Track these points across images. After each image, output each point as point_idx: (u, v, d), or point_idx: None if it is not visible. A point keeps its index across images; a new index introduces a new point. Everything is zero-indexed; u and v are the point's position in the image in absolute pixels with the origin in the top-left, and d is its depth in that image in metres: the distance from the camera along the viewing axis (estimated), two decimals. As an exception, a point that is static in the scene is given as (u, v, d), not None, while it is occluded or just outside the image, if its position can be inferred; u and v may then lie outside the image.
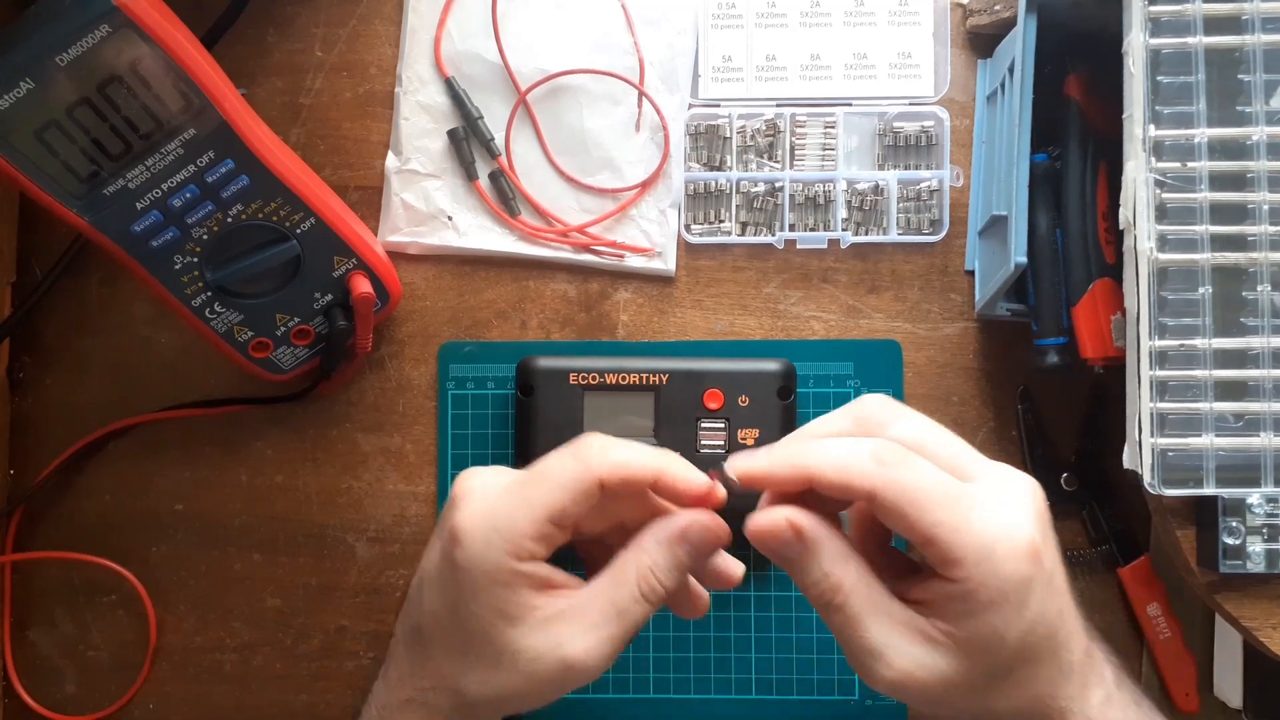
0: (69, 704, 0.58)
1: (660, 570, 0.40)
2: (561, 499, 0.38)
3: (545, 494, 0.39)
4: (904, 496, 0.36)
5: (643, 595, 0.40)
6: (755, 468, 0.39)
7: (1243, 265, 0.45)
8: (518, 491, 0.39)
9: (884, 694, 0.38)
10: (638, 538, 0.40)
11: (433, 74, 0.58)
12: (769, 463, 0.38)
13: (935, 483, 0.37)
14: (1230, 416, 0.45)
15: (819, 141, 0.58)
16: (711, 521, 0.40)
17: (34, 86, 0.44)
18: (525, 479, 0.40)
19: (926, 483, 0.37)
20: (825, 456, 0.37)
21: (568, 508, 0.39)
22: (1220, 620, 0.54)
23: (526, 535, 0.38)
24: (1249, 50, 0.45)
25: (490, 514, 0.39)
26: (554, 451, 0.40)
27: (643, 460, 0.40)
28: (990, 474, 0.39)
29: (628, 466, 0.39)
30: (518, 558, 0.38)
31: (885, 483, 0.36)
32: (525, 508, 0.39)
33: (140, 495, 0.58)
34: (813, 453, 0.38)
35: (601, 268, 0.58)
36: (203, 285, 0.52)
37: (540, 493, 0.39)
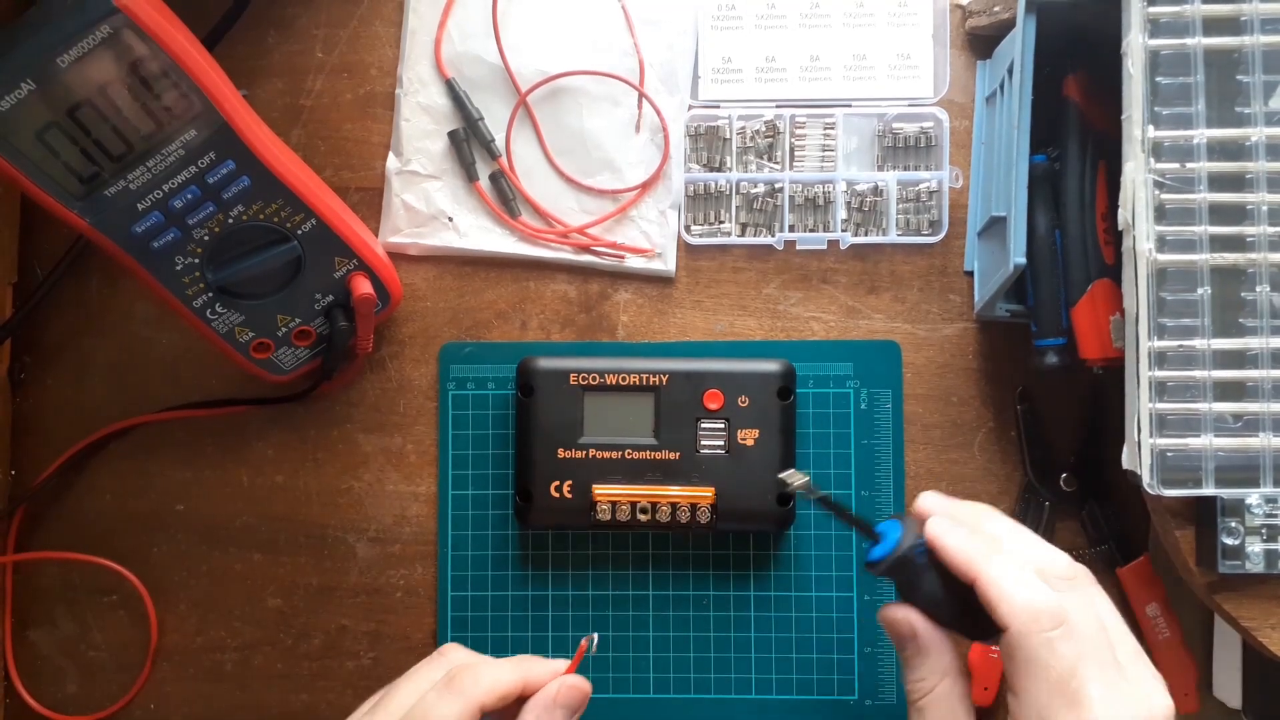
0: (70, 704, 0.58)
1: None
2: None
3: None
4: (1033, 669, 0.39)
5: None
6: (943, 538, 0.43)
7: (1241, 266, 0.45)
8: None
9: None
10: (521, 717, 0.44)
11: (433, 75, 0.58)
12: (953, 546, 0.42)
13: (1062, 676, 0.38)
14: (1229, 417, 0.45)
15: (818, 142, 0.58)
16: (577, 681, 0.45)
17: (35, 88, 0.44)
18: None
19: (1056, 671, 0.38)
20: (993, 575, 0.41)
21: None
22: (1219, 620, 0.54)
23: None
24: (1248, 51, 0.45)
25: None
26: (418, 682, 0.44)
27: (511, 677, 0.44)
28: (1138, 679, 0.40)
29: (500, 686, 0.43)
30: None
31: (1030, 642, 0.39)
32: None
33: (141, 495, 0.58)
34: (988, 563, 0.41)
35: (601, 268, 0.58)
36: (204, 286, 0.52)
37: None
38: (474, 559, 0.57)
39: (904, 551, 0.43)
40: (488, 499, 0.57)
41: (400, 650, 0.58)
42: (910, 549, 0.43)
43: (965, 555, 0.42)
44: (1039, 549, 0.43)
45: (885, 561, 0.44)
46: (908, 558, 0.43)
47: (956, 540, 0.42)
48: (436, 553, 0.58)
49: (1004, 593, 0.40)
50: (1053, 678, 0.38)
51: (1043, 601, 0.39)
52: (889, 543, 0.44)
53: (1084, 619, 0.40)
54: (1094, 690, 0.38)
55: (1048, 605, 0.39)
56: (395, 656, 0.58)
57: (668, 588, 0.57)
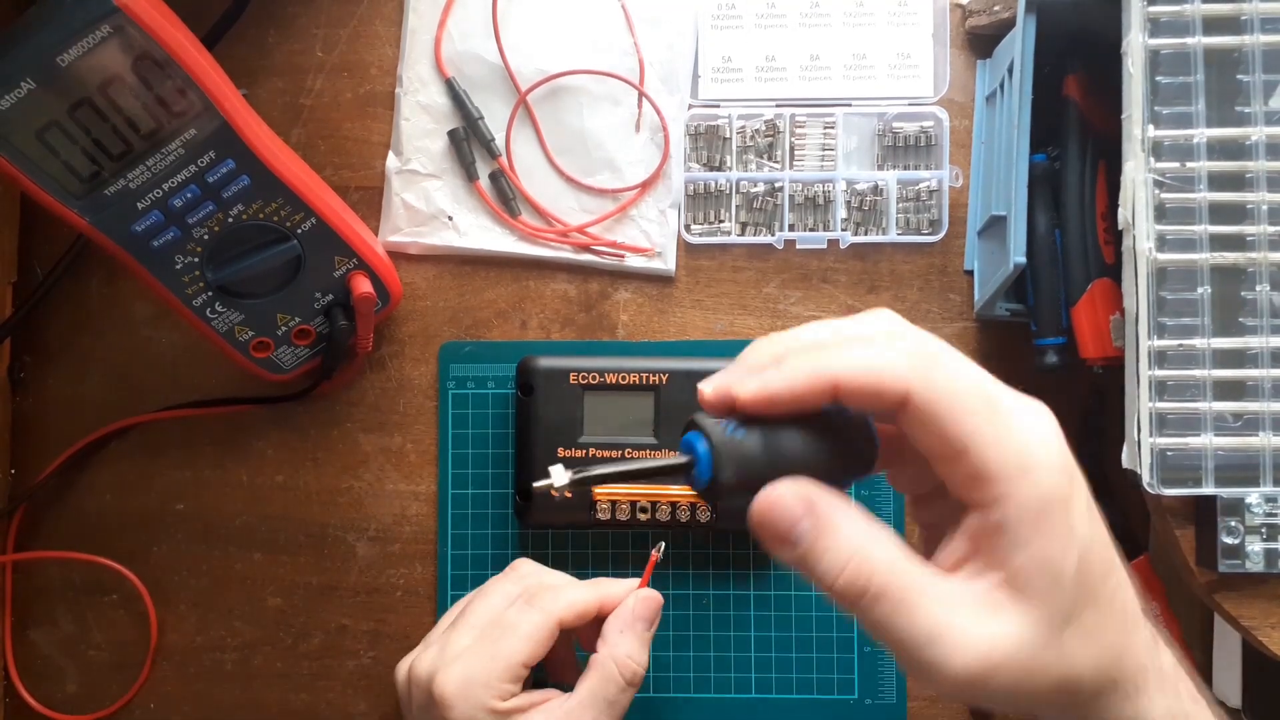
0: (70, 703, 0.58)
1: (634, 654, 0.47)
2: (529, 648, 0.46)
3: (512, 647, 0.46)
4: (942, 400, 0.31)
5: (627, 683, 0.47)
6: (767, 387, 0.32)
7: (1241, 265, 0.45)
8: (487, 648, 0.46)
9: (955, 695, 0.32)
10: (603, 636, 0.48)
11: (433, 74, 0.58)
12: (783, 378, 0.32)
13: (972, 385, 0.32)
14: (1229, 416, 0.45)
15: (818, 142, 0.58)
16: (650, 594, 0.49)
17: (35, 87, 0.44)
18: (491, 634, 0.46)
19: (963, 385, 0.32)
20: (851, 359, 0.32)
21: (536, 652, 0.46)
22: (1219, 620, 0.54)
23: (503, 680, 0.45)
24: (1248, 51, 0.45)
25: (465, 674, 0.45)
26: (497, 596, 0.48)
27: (588, 596, 0.48)
28: (1008, 390, 0.33)
29: (579, 605, 0.47)
30: (499, 698, 0.45)
31: (923, 383, 0.31)
32: (496, 661, 0.45)
33: (141, 495, 0.58)
34: (834, 357, 0.32)
35: (601, 268, 0.58)
36: (204, 285, 0.52)
37: (507, 646, 0.46)
38: (474, 558, 0.57)
39: (725, 441, 0.32)
40: (488, 498, 0.57)
41: (400, 650, 0.57)
42: (730, 434, 0.33)
43: (805, 367, 0.32)
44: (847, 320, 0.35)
45: (725, 468, 0.32)
46: (733, 443, 0.32)
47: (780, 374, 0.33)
48: (436, 552, 0.58)
49: (876, 362, 0.32)
50: (975, 397, 0.32)
51: (910, 342, 0.33)
52: (703, 451, 0.33)
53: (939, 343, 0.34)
54: (1002, 394, 0.33)
55: (923, 346, 0.33)
56: (395, 656, 0.57)
57: (668, 588, 0.57)
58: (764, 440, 0.33)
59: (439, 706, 0.45)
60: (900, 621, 0.31)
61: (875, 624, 0.32)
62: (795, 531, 0.32)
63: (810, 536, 0.32)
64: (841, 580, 0.31)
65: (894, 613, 0.31)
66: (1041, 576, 0.32)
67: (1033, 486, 0.31)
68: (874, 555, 0.32)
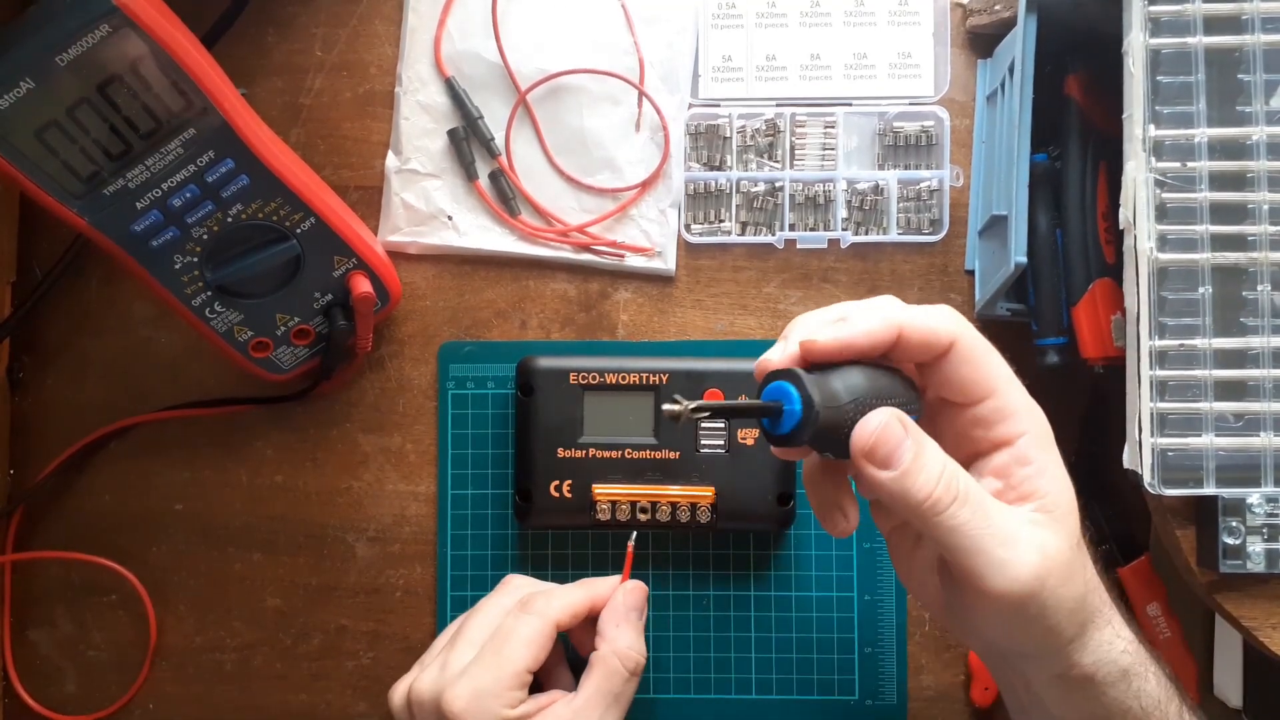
0: (69, 704, 0.58)
1: (634, 644, 0.49)
2: (531, 653, 0.47)
3: (515, 654, 0.47)
4: (979, 348, 0.39)
5: (631, 673, 0.48)
6: (842, 335, 0.37)
7: (1243, 265, 0.45)
8: (491, 659, 0.47)
9: (1022, 598, 0.36)
10: (599, 633, 0.49)
11: (433, 74, 0.58)
12: (858, 326, 0.38)
13: (990, 345, 0.39)
14: (1230, 416, 0.45)
15: (819, 141, 0.58)
16: (636, 584, 0.51)
17: (34, 86, 0.44)
18: (492, 644, 0.47)
19: (987, 343, 0.39)
20: (912, 312, 0.38)
21: (537, 656, 0.47)
22: (1220, 620, 0.54)
23: (510, 689, 0.46)
24: (1249, 50, 0.45)
25: (473, 688, 0.46)
26: (493, 610, 0.49)
27: (579, 596, 0.50)
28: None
29: (571, 606, 0.49)
30: (510, 706, 0.46)
31: (966, 334, 0.38)
32: (503, 670, 0.46)
33: (140, 495, 0.58)
34: (897, 310, 0.38)
35: (601, 267, 0.58)
36: (203, 285, 0.52)
37: (510, 654, 0.47)
38: (474, 559, 0.57)
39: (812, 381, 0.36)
40: (487, 499, 0.57)
41: (400, 650, 0.58)
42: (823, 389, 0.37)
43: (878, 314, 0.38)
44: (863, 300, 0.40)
45: (824, 410, 0.36)
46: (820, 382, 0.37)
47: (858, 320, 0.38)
48: (436, 553, 0.58)
49: (927, 313, 0.38)
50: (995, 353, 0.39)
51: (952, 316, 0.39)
52: (792, 397, 0.36)
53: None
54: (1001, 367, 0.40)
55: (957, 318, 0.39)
56: (395, 656, 0.58)
57: (668, 588, 0.57)
58: (843, 380, 0.37)
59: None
60: (981, 522, 0.36)
61: (958, 526, 0.36)
62: (900, 451, 0.36)
63: (912, 454, 0.36)
64: (940, 487, 0.36)
65: (976, 514, 0.36)
66: (1062, 499, 0.38)
67: (1042, 422, 0.39)
68: (959, 469, 0.37)
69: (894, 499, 0.37)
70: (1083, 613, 0.39)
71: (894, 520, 0.43)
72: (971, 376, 0.38)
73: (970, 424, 0.39)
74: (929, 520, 0.36)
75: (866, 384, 0.37)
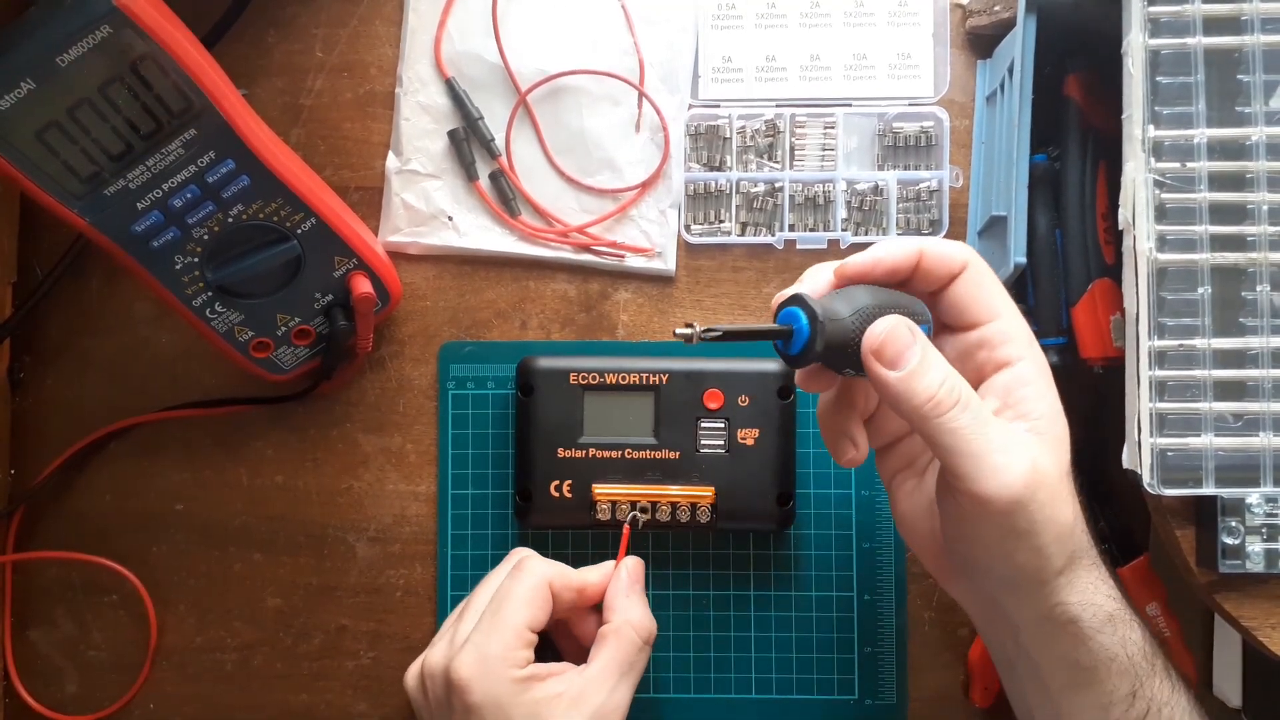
0: (69, 704, 0.58)
1: (645, 615, 0.50)
2: (529, 610, 0.47)
3: (514, 612, 0.47)
4: (987, 275, 0.42)
5: (645, 642, 0.49)
6: (870, 257, 0.42)
7: (1242, 265, 0.45)
8: (490, 620, 0.47)
9: (1010, 504, 0.38)
10: (608, 606, 0.50)
11: (433, 74, 0.58)
12: (882, 249, 0.42)
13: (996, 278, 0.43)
14: (1229, 416, 0.45)
15: (819, 142, 0.58)
16: (633, 560, 0.52)
17: (35, 87, 0.44)
18: (491, 608, 0.48)
19: (994, 275, 0.43)
20: (930, 239, 0.42)
21: (535, 613, 0.47)
22: (1219, 620, 0.54)
23: (513, 647, 0.46)
24: (1248, 51, 0.45)
25: (478, 653, 0.46)
26: (493, 582, 0.50)
27: (569, 569, 0.50)
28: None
29: (562, 573, 0.49)
30: (516, 666, 0.46)
31: (976, 261, 0.42)
32: (502, 630, 0.46)
33: (140, 495, 0.58)
34: (917, 239, 0.42)
35: (601, 268, 0.58)
36: (203, 285, 0.52)
37: (508, 613, 0.47)
38: (474, 559, 0.57)
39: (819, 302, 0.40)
40: (488, 499, 0.57)
41: (400, 650, 0.58)
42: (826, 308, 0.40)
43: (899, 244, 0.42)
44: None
45: (830, 323, 0.39)
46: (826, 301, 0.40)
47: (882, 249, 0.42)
48: (436, 552, 0.58)
49: (952, 246, 0.42)
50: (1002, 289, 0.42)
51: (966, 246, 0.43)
52: (799, 317, 0.40)
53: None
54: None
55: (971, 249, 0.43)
56: (395, 656, 0.58)
57: (668, 588, 0.57)
58: (849, 298, 0.40)
59: (459, 692, 0.45)
60: (979, 427, 0.39)
61: (958, 429, 0.39)
62: (908, 353, 0.39)
63: (919, 357, 0.39)
64: (943, 390, 0.39)
65: (976, 420, 0.39)
66: (1056, 426, 0.41)
67: (1038, 352, 0.42)
68: (962, 379, 0.40)
69: (899, 399, 0.39)
70: (1070, 543, 0.40)
71: (897, 463, 0.46)
72: (981, 298, 0.42)
73: (976, 345, 0.42)
74: (930, 422, 0.39)
75: (873, 300, 0.40)
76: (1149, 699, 0.43)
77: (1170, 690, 0.43)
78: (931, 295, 0.43)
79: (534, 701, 0.45)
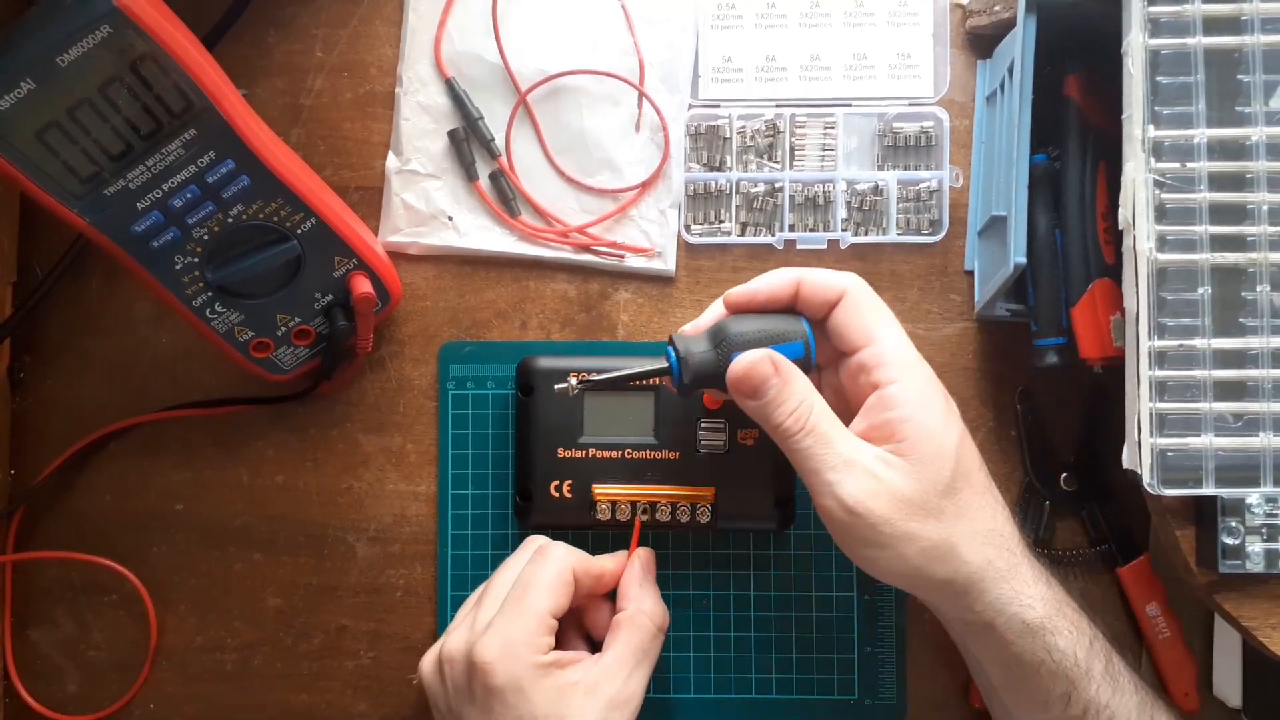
0: (69, 704, 0.58)
1: (657, 604, 0.50)
2: (552, 597, 0.47)
3: (537, 599, 0.47)
4: (864, 302, 0.47)
5: (658, 629, 0.49)
6: (750, 287, 0.48)
7: (1242, 265, 0.45)
8: (514, 607, 0.47)
9: (846, 516, 0.43)
10: (621, 597, 0.50)
11: (433, 74, 0.58)
12: (762, 279, 0.48)
13: (885, 308, 0.47)
14: (1229, 416, 0.45)
15: (819, 142, 0.58)
16: (645, 551, 0.52)
17: (35, 87, 0.44)
18: (514, 594, 0.48)
19: (880, 303, 0.47)
20: (810, 270, 0.48)
21: (559, 600, 0.48)
22: (1219, 620, 0.54)
23: (536, 633, 0.46)
24: (1248, 51, 0.45)
25: (502, 638, 0.46)
26: (513, 568, 0.50)
27: (589, 556, 0.51)
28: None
29: (583, 559, 0.50)
30: (540, 651, 0.46)
31: (856, 289, 0.47)
32: (525, 616, 0.47)
33: (140, 495, 0.58)
34: (798, 269, 0.48)
35: (601, 268, 0.58)
36: (203, 285, 0.52)
37: (532, 600, 0.47)
38: (474, 559, 0.57)
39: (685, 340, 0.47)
40: (488, 499, 0.57)
41: (400, 650, 0.58)
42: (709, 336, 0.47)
43: (780, 273, 0.48)
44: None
45: (693, 359, 0.46)
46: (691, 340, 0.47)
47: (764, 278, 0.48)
48: (436, 552, 0.58)
49: (824, 272, 0.47)
50: (885, 313, 0.47)
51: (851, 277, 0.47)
52: (671, 359, 0.47)
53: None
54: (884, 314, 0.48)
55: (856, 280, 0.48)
56: (395, 656, 0.58)
57: (668, 588, 0.57)
58: (722, 331, 0.47)
59: (481, 675, 0.45)
60: (820, 450, 0.44)
61: (804, 450, 0.44)
62: (765, 386, 0.45)
63: (777, 388, 0.45)
64: (790, 419, 0.45)
65: (818, 444, 0.44)
66: (925, 448, 0.44)
67: (916, 377, 0.45)
68: (815, 405, 0.45)
69: (761, 423, 0.46)
70: (954, 560, 0.44)
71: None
72: (855, 324, 0.46)
73: (858, 369, 0.46)
74: (783, 443, 0.45)
75: (749, 328, 0.46)
76: (1085, 702, 0.45)
77: (1112, 693, 0.46)
78: (818, 321, 0.48)
79: (554, 688, 0.46)
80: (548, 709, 0.45)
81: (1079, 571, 0.56)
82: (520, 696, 0.45)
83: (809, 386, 0.45)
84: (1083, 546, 0.56)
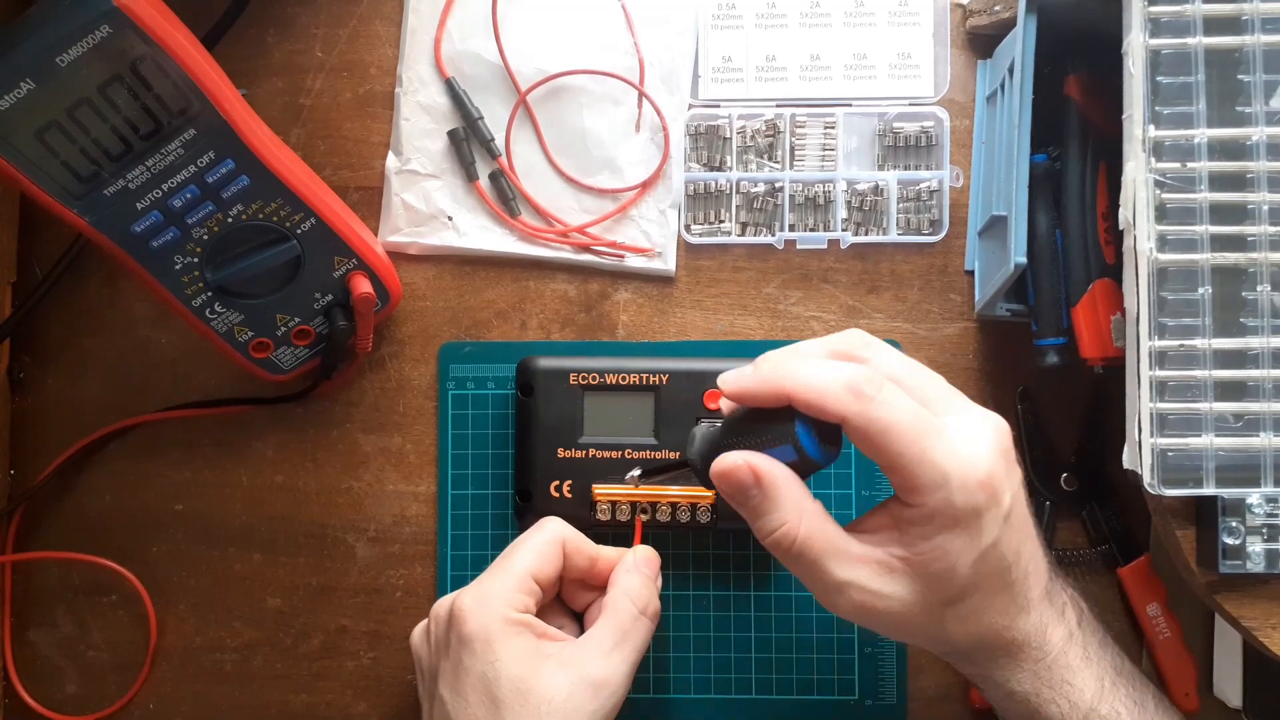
0: (69, 704, 0.58)
1: (643, 587, 0.49)
2: (535, 559, 0.48)
3: (520, 558, 0.48)
4: (872, 427, 0.39)
5: (640, 611, 0.48)
6: (741, 384, 0.42)
7: (1242, 265, 0.45)
8: (498, 564, 0.48)
9: (850, 620, 0.42)
10: (612, 580, 0.49)
11: (433, 74, 0.58)
12: (753, 380, 0.42)
13: (904, 414, 0.39)
14: (1230, 416, 0.45)
15: (819, 142, 0.58)
16: (648, 549, 0.51)
17: (34, 87, 0.44)
18: (501, 556, 0.49)
19: (895, 414, 0.39)
20: (804, 379, 0.40)
21: (542, 565, 0.48)
22: (1220, 620, 0.54)
23: (513, 590, 0.47)
24: (1249, 51, 0.45)
25: (479, 589, 0.47)
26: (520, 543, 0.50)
27: (587, 540, 0.50)
28: (962, 410, 0.42)
29: (582, 540, 0.50)
30: (513, 608, 0.46)
31: (855, 412, 0.39)
32: (506, 572, 0.47)
33: (140, 495, 0.58)
34: (793, 374, 0.41)
35: (601, 268, 0.58)
36: (203, 285, 0.52)
37: (516, 558, 0.48)
38: (474, 559, 0.57)
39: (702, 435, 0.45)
40: (487, 499, 0.57)
41: (400, 650, 0.58)
42: (707, 431, 0.45)
43: (769, 375, 0.42)
44: (827, 338, 0.44)
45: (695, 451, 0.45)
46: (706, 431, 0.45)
47: (753, 375, 0.42)
48: (436, 553, 0.58)
49: (820, 386, 0.40)
50: (904, 426, 0.39)
51: (854, 373, 0.40)
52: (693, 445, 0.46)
53: (899, 371, 0.42)
54: (946, 420, 0.41)
55: (863, 374, 0.40)
56: (395, 656, 0.58)
57: (668, 588, 0.57)
58: (729, 430, 0.44)
59: (455, 622, 0.46)
60: (812, 571, 0.42)
61: (794, 571, 0.42)
62: (745, 494, 0.42)
63: (757, 500, 0.42)
64: (772, 538, 0.42)
65: (809, 569, 0.42)
66: (936, 569, 0.40)
67: (945, 502, 0.39)
68: (803, 522, 0.41)
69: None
70: (958, 652, 0.44)
71: None
72: (870, 453, 0.40)
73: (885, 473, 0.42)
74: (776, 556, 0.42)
75: (727, 434, 0.44)
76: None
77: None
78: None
79: (524, 650, 0.45)
80: (514, 668, 0.44)
81: (1080, 571, 0.56)
82: (487, 648, 0.45)
83: (797, 497, 0.41)
84: (1083, 546, 0.56)
